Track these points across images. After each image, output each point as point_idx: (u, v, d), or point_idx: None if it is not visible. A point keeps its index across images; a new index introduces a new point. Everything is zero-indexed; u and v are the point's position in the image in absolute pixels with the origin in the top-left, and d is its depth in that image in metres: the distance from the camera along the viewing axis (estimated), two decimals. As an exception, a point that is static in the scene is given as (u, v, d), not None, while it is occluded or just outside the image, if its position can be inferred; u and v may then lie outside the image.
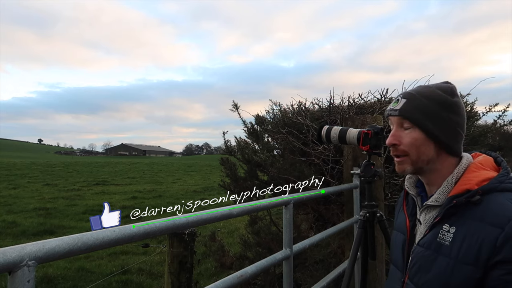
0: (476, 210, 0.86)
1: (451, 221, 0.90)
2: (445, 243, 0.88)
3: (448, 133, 0.97)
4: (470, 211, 0.87)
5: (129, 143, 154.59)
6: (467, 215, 0.87)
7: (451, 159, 0.98)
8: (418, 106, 0.97)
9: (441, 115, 0.96)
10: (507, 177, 0.89)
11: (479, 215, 0.85)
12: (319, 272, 3.05)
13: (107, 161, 47.27)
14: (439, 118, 0.96)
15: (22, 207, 10.64)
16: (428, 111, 0.96)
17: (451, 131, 0.97)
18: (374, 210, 2.04)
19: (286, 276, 1.75)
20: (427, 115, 0.96)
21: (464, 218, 0.87)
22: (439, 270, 0.88)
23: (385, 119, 3.18)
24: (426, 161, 0.97)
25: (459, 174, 0.95)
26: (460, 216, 0.88)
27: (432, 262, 0.90)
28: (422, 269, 0.93)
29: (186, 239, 2.52)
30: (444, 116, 0.96)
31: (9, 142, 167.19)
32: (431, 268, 0.90)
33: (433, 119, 0.96)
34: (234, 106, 3.84)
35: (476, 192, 0.87)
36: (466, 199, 0.87)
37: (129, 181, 19.52)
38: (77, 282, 4.84)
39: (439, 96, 0.98)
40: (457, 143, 0.98)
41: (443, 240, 0.89)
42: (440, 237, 0.90)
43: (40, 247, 0.78)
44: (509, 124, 3.52)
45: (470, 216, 0.86)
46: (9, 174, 21.44)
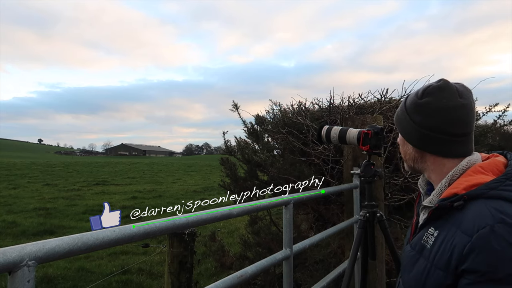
0: (457, 216, 0.84)
1: (436, 225, 0.89)
2: (427, 246, 0.89)
3: (416, 136, 0.99)
4: (452, 216, 0.86)
5: (129, 143, 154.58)
6: (449, 220, 0.86)
7: (444, 161, 0.97)
8: (397, 113, 1.07)
9: (405, 119, 1.02)
10: (502, 184, 0.83)
11: (458, 221, 0.83)
12: (319, 272, 3.05)
13: (107, 161, 47.27)
14: (404, 123, 1.03)
15: (22, 207, 10.64)
16: (398, 116, 1.06)
17: (419, 133, 0.98)
18: (374, 210, 2.04)
19: (286, 276, 1.75)
20: (397, 120, 1.07)
21: (447, 223, 0.86)
22: (417, 271, 0.89)
23: (385, 120, 3.19)
24: (411, 160, 1.04)
25: (454, 176, 0.93)
26: (445, 220, 0.87)
27: (414, 263, 0.91)
28: (406, 269, 0.96)
29: (186, 239, 2.52)
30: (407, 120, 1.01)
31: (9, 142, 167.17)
32: (412, 269, 0.92)
33: (400, 124, 1.05)
34: (234, 106, 3.84)
35: (462, 197, 0.84)
36: (450, 203, 0.86)
37: (129, 181, 19.52)
38: (77, 282, 4.84)
39: (410, 99, 1.02)
40: (438, 145, 0.96)
41: (426, 243, 0.90)
42: (424, 239, 0.91)
43: (40, 247, 0.78)
44: (509, 124, 3.52)
45: (451, 221, 0.85)
46: (9, 174, 21.43)
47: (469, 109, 0.95)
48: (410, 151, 1.04)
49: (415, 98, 1.00)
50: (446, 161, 0.97)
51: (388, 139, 3.02)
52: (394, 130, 3.11)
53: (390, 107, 3.35)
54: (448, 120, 0.94)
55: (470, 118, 0.96)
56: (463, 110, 0.94)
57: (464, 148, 0.97)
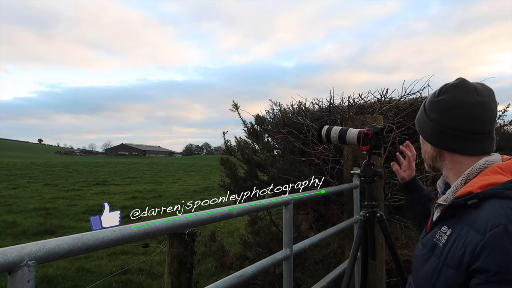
0: (471, 214, 0.83)
1: (449, 223, 0.89)
2: (439, 244, 0.88)
3: (433, 133, 1.01)
4: (466, 214, 0.85)
5: (129, 143, 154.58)
6: (462, 218, 0.85)
7: (462, 159, 0.97)
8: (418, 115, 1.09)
9: (423, 117, 1.05)
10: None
11: (471, 220, 0.82)
12: (319, 272, 3.05)
13: (107, 161, 47.26)
14: (421, 121, 1.06)
15: (22, 207, 10.63)
16: (417, 116, 1.09)
17: (436, 131, 1.00)
18: (374, 210, 2.04)
19: (286, 276, 1.75)
20: (417, 120, 1.10)
21: (460, 221, 0.85)
22: (427, 270, 0.89)
23: (385, 120, 3.19)
24: (430, 158, 1.06)
25: (470, 175, 0.92)
26: (458, 219, 0.87)
27: (426, 261, 0.91)
28: (417, 267, 0.95)
29: (186, 239, 2.52)
30: (424, 118, 1.04)
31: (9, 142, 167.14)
32: (422, 267, 0.91)
33: (419, 123, 1.08)
34: (234, 106, 3.84)
35: (477, 195, 0.83)
36: (464, 201, 0.85)
37: (129, 181, 19.51)
38: (77, 282, 4.84)
39: (428, 99, 1.05)
40: (454, 142, 0.96)
41: (439, 241, 0.89)
42: (436, 237, 0.90)
43: (40, 247, 0.78)
44: (509, 124, 3.52)
45: (464, 219, 0.84)
46: (9, 174, 21.43)
47: (487, 107, 0.93)
48: (429, 150, 1.05)
49: (432, 96, 1.02)
50: (463, 159, 0.96)
51: (388, 139, 3.02)
52: (394, 130, 3.11)
53: (390, 107, 3.35)
54: (463, 117, 0.94)
55: (488, 116, 0.94)
56: (480, 108, 0.93)
57: (482, 146, 0.95)
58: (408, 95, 3.42)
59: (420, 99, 3.37)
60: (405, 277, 1.93)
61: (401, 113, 3.26)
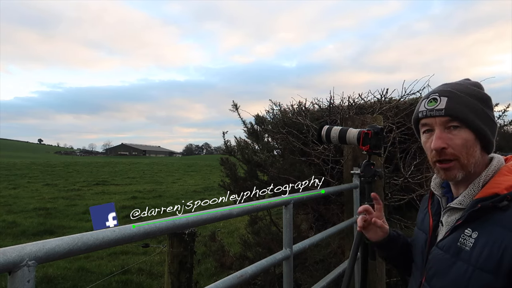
0: (502, 216, 0.80)
1: (473, 226, 0.84)
2: (465, 248, 0.83)
3: (492, 130, 0.93)
4: (495, 216, 0.81)
5: (129, 143, 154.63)
6: (491, 221, 0.82)
7: (485, 159, 0.93)
8: (466, 104, 0.89)
9: (485, 111, 0.91)
10: None
11: (504, 222, 0.79)
12: (319, 272, 3.05)
13: (107, 161, 47.27)
14: (484, 115, 0.90)
15: (22, 207, 10.63)
16: (476, 108, 0.89)
17: (494, 127, 0.93)
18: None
19: (286, 276, 1.75)
20: (476, 113, 0.89)
21: (488, 224, 0.82)
22: (456, 275, 0.84)
23: (385, 120, 3.19)
24: (474, 163, 0.90)
25: (487, 176, 0.89)
26: (484, 221, 0.83)
27: (451, 266, 0.86)
28: (439, 273, 0.89)
29: (186, 239, 2.52)
30: (487, 112, 0.91)
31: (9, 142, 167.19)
32: (448, 273, 0.86)
33: (481, 116, 0.90)
34: (234, 106, 3.84)
35: (505, 197, 0.81)
36: (493, 203, 0.81)
37: (129, 181, 19.51)
38: (77, 282, 4.84)
39: (478, 92, 0.92)
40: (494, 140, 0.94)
41: (464, 245, 0.84)
42: (461, 241, 0.85)
43: (40, 247, 0.78)
44: (509, 124, 3.52)
45: (494, 222, 0.81)
46: (9, 174, 21.43)
47: None
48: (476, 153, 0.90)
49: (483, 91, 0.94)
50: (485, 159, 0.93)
51: (388, 139, 3.02)
52: (394, 130, 3.11)
53: (390, 107, 3.35)
54: None
55: None
56: None
57: None
58: (408, 95, 3.42)
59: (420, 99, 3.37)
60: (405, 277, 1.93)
61: (401, 113, 3.26)
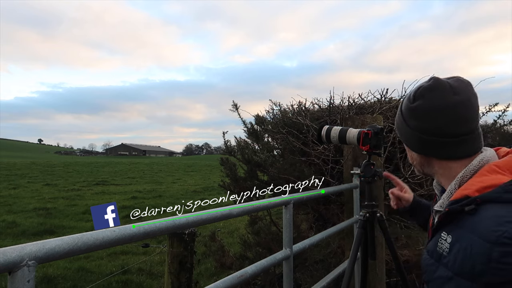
0: (471, 220, 0.77)
1: (448, 229, 0.83)
2: (443, 253, 0.82)
3: (415, 141, 0.95)
4: (464, 220, 0.78)
5: (129, 143, 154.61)
6: (461, 225, 0.79)
7: (451, 163, 0.91)
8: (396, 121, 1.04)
9: (402, 124, 0.99)
10: None
11: (471, 227, 0.76)
12: (319, 272, 3.05)
13: (107, 161, 47.27)
14: (400, 128, 1.00)
15: (22, 207, 10.63)
16: (396, 123, 1.04)
17: (418, 138, 0.94)
18: (374, 210, 2.04)
19: (286, 276, 1.75)
20: (397, 127, 1.04)
21: (459, 228, 0.80)
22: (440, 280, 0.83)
23: (385, 120, 3.19)
24: (418, 165, 1.01)
25: (464, 177, 0.87)
26: (456, 225, 0.81)
27: (435, 271, 0.85)
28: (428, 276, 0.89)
29: (186, 239, 2.52)
30: (404, 126, 0.98)
31: (9, 142, 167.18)
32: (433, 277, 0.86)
33: (398, 129, 1.02)
34: (233, 106, 3.84)
35: (474, 200, 0.78)
36: (461, 207, 0.79)
37: (129, 181, 19.51)
38: (77, 282, 4.84)
39: (404, 104, 0.98)
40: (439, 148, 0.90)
41: (441, 250, 0.83)
42: (439, 246, 0.84)
43: (40, 247, 0.78)
44: (509, 124, 3.52)
45: (463, 226, 0.78)
46: (9, 174, 21.42)
47: (467, 105, 0.87)
48: (415, 157, 1.00)
49: (408, 102, 0.95)
50: (452, 164, 0.91)
51: (388, 139, 3.02)
52: (394, 130, 3.11)
53: (390, 107, 3.35)
54: (445, 121, 0.88)
55: (470, 114, 0.88)
56: (460, 108, 0.87)
57: (470, 147, 0.89)
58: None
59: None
60: (405, 277, 1.93)
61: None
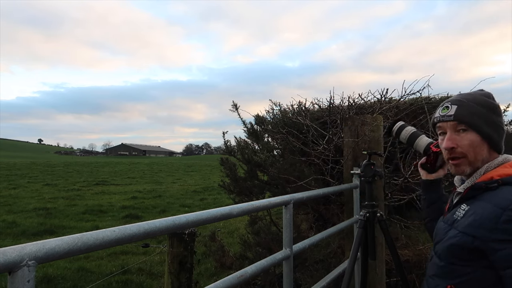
0: (491, 194, 0.97)
1: (468, 202, 1.03)
2: (457, 218, 1.03)
3: (498, 132, 1.10)
4: (485, 194, 0.99)
5: (129, 143, 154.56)
6: (481, 198, 0.99)
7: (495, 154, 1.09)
8: (471, 110, 1.09)
9: (491, 117, 1.10)
10: None
11: (490, 198, 0.96)
12: (319, 272, 3.05)
13: (107, 161, 47.25)
14: (489, 119, 1.09)
15: (22, 207, 10.63)
16: (481, 114, 1.09)
17: (499, 130, 1.11)
18: (374, 210, 2.04)
19: (286, 276, 1.75)
20: (481, 117, 1.09)
21: (479, 200, 1.00)
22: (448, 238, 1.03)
23: (385, 120, 3.19)
24: (481, 160, 1.08)
25: (489, 167, 1.05)
26: (477, 199, 1.01)
27: (446, 233, 1.05)
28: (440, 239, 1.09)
29: (186, 239, 2.52)
30: (493, 118, 1.10)
31: (9, 142, 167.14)
32: (443, 238, 1.06)
33: (485, 121, 1.09)
34: (233, 106, 3.84)
35: (497, 181, 0.98)
36: (485, 185, 0.99)
37: (129, 181, 19.50)
38: (77, 282, 4.84)
39: (486, 101, 1.11)
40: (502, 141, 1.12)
41: (457, 216, 1.03)
42: (456, 214, 1.05)
43: (40, 247, 0.78)
44: (509, 124, 3.52)
45: (483, 198, 0.98)
46: (9, 174, 21.42)
47: None
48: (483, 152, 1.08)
49: (491, 100, 1.12)
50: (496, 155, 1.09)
51: (388, 139, 3.02)
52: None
53: (390, 107, 3.35)
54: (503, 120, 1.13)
55: None
56: None
57: None
58: (408, 95, 3.42)
59: (420, 99, 3.37)
60: (405, 277, 1.93)
61: (401, 113, 3.26)
